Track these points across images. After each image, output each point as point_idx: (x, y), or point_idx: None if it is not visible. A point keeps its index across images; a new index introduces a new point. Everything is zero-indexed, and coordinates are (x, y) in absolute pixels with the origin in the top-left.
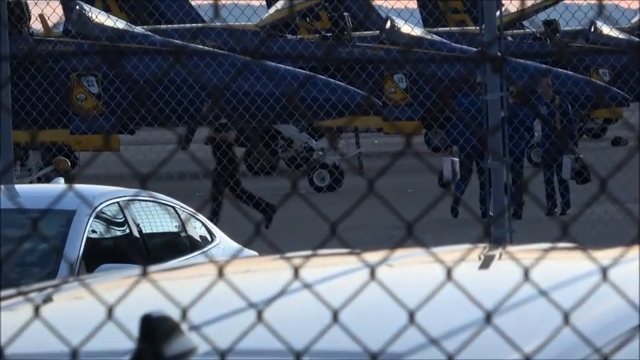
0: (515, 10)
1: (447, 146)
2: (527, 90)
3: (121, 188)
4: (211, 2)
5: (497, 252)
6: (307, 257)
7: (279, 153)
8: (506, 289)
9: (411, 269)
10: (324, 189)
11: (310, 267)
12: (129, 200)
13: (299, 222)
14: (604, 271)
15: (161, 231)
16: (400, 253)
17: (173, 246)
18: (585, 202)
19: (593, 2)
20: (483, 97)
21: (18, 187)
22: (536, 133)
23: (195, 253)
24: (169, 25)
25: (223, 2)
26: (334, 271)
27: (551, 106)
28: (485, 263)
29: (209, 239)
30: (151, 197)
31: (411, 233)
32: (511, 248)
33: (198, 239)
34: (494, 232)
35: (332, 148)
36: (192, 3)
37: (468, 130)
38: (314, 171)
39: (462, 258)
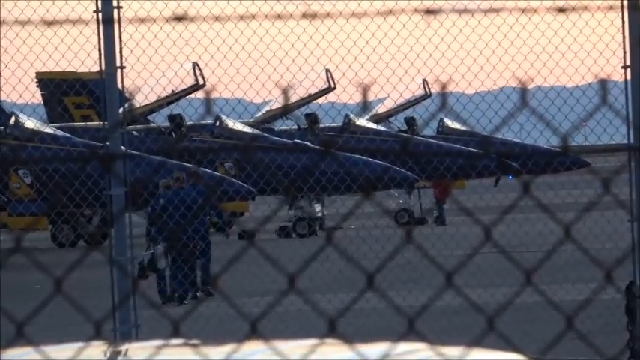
0: (139, 105)
1: (72, 242)
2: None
3: None
4: None
5: (121, 348)
6: None
7: None
8: None
9: None
10: None
11: None
12: None
13: None
14: None
15: None
16: (13, 352)
17: None
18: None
19: (215, 97)
20: (107, 192)
21: None
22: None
23: None
24: None
25: None
26: None
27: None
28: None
29: None
30: None
31: (21, 332)
32: (133, 344)
33: None
34: (120, 327)
35: None
36: None
37: (172, 221)
38: None
39: (76, 355)
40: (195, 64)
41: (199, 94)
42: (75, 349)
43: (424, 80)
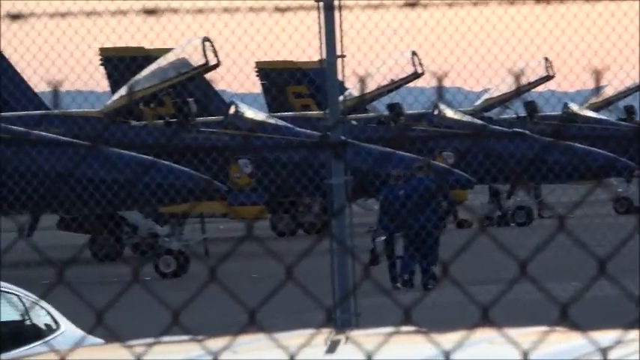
0: (359, 94)
1: (292, 231)
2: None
3: None
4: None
5: (342, 337)
6: (149, 345)
7: (124, 239)
8: None
9: (255, 355)
10: (169, 275)
11: (153, 354)
12: None
13: (144, 309)
14: (447, 355)
15: (5, 320)
16: (244, 339)
17: (17, 335)
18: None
19: (435, 86)
20: (327, 181)
21: None
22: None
23: (39, 342)
24: (12, 113)
25: (66, 89)
26: (176, 358)
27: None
28: (331, 348)
29: (54, 327)
30: None
31: (253, 319)
32: (355, 332)
33: (43, 327)
34: (340, 315)
35: (177, 233)
36: (35, 90)
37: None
38: (159, 257)
39: (305, 343)
40: (413, 53)
41: (419, 83)
42: (305, 336)
43: None
